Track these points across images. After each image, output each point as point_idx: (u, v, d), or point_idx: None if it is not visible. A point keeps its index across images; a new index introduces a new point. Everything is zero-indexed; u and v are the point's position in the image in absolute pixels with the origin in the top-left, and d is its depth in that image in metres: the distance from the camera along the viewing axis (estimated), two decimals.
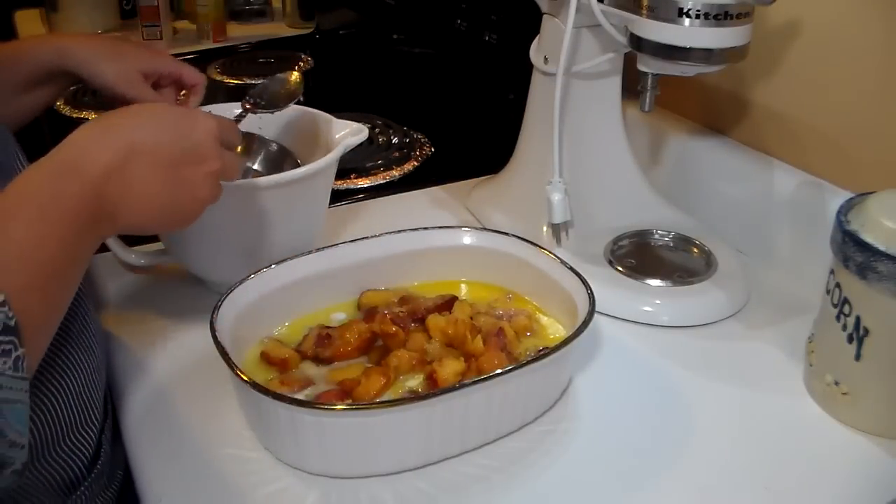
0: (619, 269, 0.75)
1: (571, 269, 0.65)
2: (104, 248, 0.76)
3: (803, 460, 0.59)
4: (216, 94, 1.34)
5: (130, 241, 0.78)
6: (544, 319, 0.68)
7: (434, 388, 0.59)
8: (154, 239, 0.76)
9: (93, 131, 0.53)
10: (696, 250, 0.79)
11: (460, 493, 0.55)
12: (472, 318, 0.65)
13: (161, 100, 0.79)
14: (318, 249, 0.68)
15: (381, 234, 0.70)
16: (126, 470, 0.62)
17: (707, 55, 0.64)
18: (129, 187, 0.52)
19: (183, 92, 0.82)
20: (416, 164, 1.04)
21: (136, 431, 0.61)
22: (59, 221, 0.48)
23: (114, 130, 0.53)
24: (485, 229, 0.74)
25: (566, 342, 0.58)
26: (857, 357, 0.59)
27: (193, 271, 0.75)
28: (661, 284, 0.74)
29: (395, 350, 0.63)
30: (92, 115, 1.23)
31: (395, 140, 1.10)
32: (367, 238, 0.70)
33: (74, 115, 1.23)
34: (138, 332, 0.71)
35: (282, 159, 0.80)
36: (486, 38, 1.07)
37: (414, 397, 0.56)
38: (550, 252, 0.68)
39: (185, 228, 0.58)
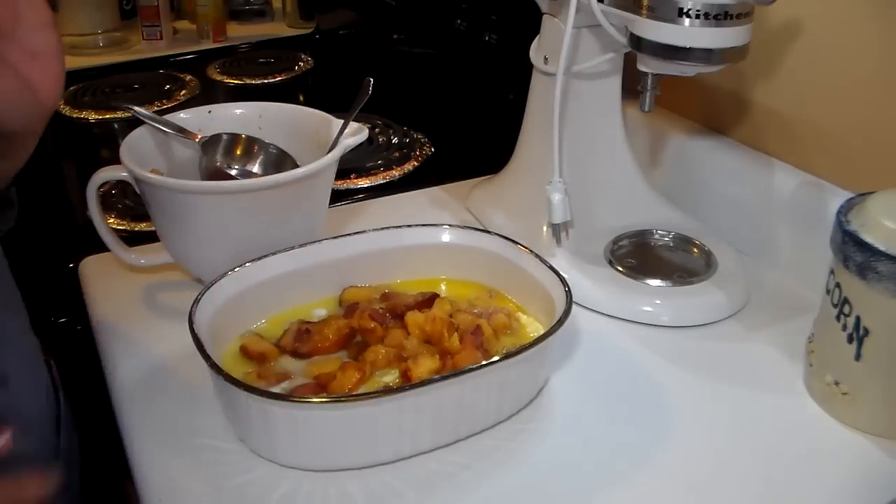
0: (619, 269, 0.75)
1: (550, 267, 0.65)
2: (104, 248, 0.76)
3: (803, 460, 0.59)
4: (216, 94, 1.34)
5: (130, 241, 0.78)
6: (524, 318, 0.68)
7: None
8: (154, 239, 0.76)
9: None
10: (696, 250, 0.79)
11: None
12: (451, 316, 0.65)
13: None
14: (299, 245, 0.68)
15: (363, 231, 0.70)
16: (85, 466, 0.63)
17: (707, 55, 0.64)
18: None
19: None
20: (416, 164, 1.04)
21: (137, 432, 0.61)
22: None
23: None
24: (466, 227, 0.73)
25: (538, 341, 0.58)
26: (857, 357, 0.59)
27: (193, 272, 0.75)
28: (661, 284, 0.74)
29: (373, 346, 0.63)
30: (92, 116, 1.23)
31: (395, 140, 1.10)
32: (348, 235, 0.70)
33: (75, 116, 1.23)
34: (138, 332, 0.71)
35: (281, 162, 0.80)
36: (486, 38, 1.07)
37: (383, 391, 0.56)
38: (529, 249, 0.68)
39: None
